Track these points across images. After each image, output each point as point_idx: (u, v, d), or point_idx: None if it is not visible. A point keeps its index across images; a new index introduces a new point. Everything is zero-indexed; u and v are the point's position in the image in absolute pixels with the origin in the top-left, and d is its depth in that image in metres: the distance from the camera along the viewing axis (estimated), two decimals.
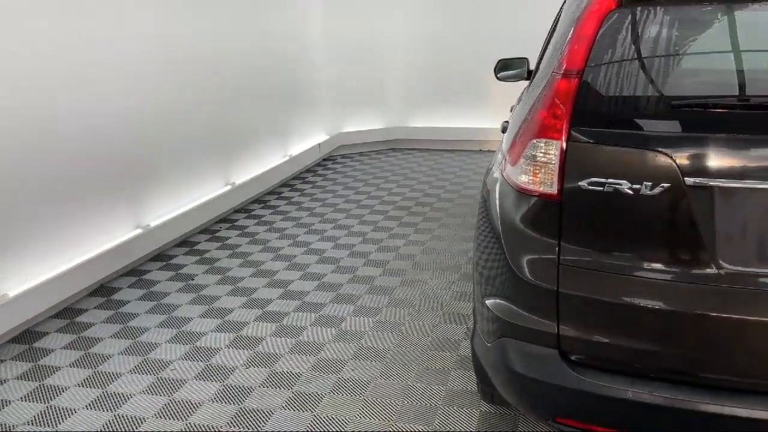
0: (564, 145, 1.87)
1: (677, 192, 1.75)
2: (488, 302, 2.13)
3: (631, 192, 1.79)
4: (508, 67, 4.14)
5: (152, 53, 4.43)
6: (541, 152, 1.92)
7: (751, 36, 1.95)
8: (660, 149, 1.76)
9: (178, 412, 2.78)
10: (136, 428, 2.68)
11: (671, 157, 1.75)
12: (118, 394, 2.92)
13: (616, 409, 1.85)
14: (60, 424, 2.73)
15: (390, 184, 6.35)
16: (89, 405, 2.85)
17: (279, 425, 2.67)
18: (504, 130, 2.76)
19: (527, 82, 3.18)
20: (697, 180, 1.73)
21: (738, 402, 1.76)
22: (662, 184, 1.76)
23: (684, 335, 1.80)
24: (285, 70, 6.53)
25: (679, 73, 1.93)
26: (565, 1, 2.64)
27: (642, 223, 1.82)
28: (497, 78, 4.19)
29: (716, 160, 1.73)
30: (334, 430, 2.63)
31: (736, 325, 1.75)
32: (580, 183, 1.85)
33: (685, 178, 1.73)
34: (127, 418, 2.75)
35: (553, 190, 1.89)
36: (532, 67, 3.66)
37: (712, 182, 1.72)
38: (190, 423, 2.70)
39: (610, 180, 1.81)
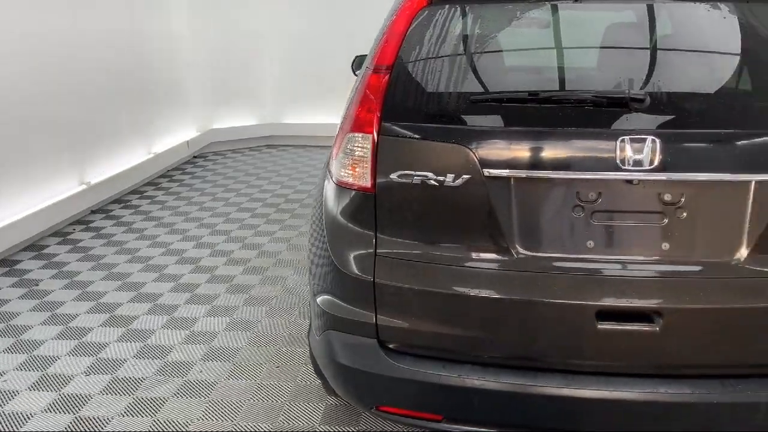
0: (376, 138, 1.91)
1: (477, 183, 1.83)
2: (317, 297, 2.15)
3: (436, 184, 1.85)
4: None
5: None
6: (357, 146, 1.96)
7: (550, 35, 2.07)
8: (461, 142, 1.84)
9: (6, 424, 2.62)
10: None
11: (471, 150, 1.82)
12: None
13: (429, 394, 1.92)
14: None
15: (261, 181, 6.27)
16: None
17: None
18: None
19: None
20: (494, 171, 1.81)
21: (543, 381, 1.86)
22: (464, 176, 1.83)
23: (489, 319, 1.89)
24: (149, 67, 6.29)
25: (481, 69, 2.02)
26: None
27: (448, 213, 1.89)
28: (355, 74, 4.23)
29: (510, 151, 1.83)
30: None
31: (533, 308, 1.85)
32: (391, 176, 1.90)
33: (484, 170, 1.82)
34: None
35: (368, 183, 1.93)
36: None
37: (507, 173, 1.82)
38: None
39: (417, 172, 1.87)
